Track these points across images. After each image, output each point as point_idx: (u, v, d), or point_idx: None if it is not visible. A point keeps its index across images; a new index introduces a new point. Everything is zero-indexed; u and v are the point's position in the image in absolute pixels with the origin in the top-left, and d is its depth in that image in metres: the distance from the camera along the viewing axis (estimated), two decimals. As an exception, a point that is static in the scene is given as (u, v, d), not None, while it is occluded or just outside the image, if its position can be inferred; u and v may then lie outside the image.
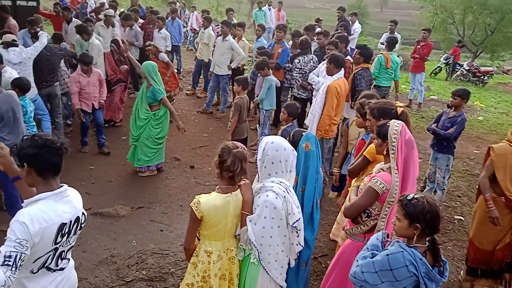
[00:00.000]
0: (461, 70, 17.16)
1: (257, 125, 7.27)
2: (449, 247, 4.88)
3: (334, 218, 4.93)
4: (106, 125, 7.16)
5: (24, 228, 1.95)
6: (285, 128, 4.96)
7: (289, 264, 2.81)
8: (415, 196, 2.24)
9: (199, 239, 2.67)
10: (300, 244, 2.70)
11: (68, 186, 2.29)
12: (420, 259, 2.16)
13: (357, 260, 2.37)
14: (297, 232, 2.63)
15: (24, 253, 1.94)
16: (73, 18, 8.91)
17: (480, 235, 3.94)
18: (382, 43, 10.66)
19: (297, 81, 6.81)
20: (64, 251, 2.22)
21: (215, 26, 11.15)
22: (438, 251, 2.26)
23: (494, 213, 3.75)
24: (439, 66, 18.09)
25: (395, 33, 10.55)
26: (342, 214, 4.04)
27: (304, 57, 6.89)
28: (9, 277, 1.87)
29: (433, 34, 19.50)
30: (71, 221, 2.17)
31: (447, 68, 17.76)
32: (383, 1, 58.06)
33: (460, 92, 5.34)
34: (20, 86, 4.88)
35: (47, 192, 2.11)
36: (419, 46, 10.48)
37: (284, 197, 2.55)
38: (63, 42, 7.13)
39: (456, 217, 5.60)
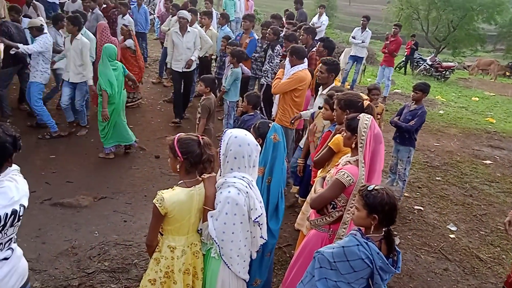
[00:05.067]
0: (424, 65, 17.65)
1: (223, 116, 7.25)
2: (408, 236, 5.04)
3: (298, 208, 4.99)
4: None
5: None
6: (243, 117, 4.94)
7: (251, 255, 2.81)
8: (375, 188, 2.28)
9: (161, 234, 2.61)
10: (263, 238, 2.70)
11: (23, 176, 2.21)
12: (377, 253, 2.21)
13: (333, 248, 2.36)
14: (259, 226, 2.62)
15: None
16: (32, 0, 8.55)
17: None
18: (353, 37, 10.75)
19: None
20: (2, 243, 2.14)
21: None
22: (393, 242, 2.31)
23: None
24: (403, 61, 18.53)
25: (367, 28, 10.68)
26: (307, 205, 4.10)
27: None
28: None
29: (398, 29, 19.97)
30: (6, 214, 2.07)
31: (410, 63, 18.23)
32: (351, -5, 58.71)
33: (421, 86, 5.49)
34: None
35: None
36: (388, 42, 10.66)
37: (247, 192, 2.52)
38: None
39: (416, 207, 5.78)
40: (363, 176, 2.87)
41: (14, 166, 2.33)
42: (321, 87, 4.96)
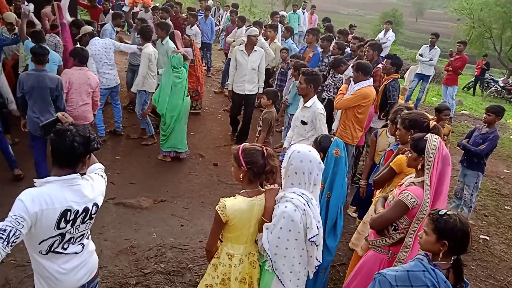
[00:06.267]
0: (496, 87, 16.72)
1: (282, 128, 7.25)
2: (472, 267, 4.75)
3: (353, 227, 4.87)
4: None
5: (23, 206, 1.99)
6: None
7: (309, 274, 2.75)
8: (447, 212, 2.16)
9: (221, 241, 2.65)
10: (318, 260, 2.64)
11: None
12: (444, 282, 2.08)
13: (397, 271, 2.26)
14: (316, 246, 2.56)
15: (19, 231, 1.95)
16: (110, 9, 9.12)
17: None
18: (420, 55, 10.40)
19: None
20: (73, 237, 2.24)
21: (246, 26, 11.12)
22: (462, 272, 2.18)
23: None
24: (472, 81, 17.65)
25: (435, 46, 10.30)
26: (363, 224, 3.99)
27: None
28: None
29: (468, 48, 19.03)
30: (78, 210, 2.18)
31: (480, 84, 17.32)
32: (419, 12, 57.14)
33: (494, 109, 5.20)
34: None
35: (55, 176, 2.14)
36: (453, 59, 10.22)
37: (304, 210, 2.47)
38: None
39: (481, 236, 5.44)
40: (428, 199, 2.75)
41: (99, 165, 2.48)
42: (301, 99, 4.81)
